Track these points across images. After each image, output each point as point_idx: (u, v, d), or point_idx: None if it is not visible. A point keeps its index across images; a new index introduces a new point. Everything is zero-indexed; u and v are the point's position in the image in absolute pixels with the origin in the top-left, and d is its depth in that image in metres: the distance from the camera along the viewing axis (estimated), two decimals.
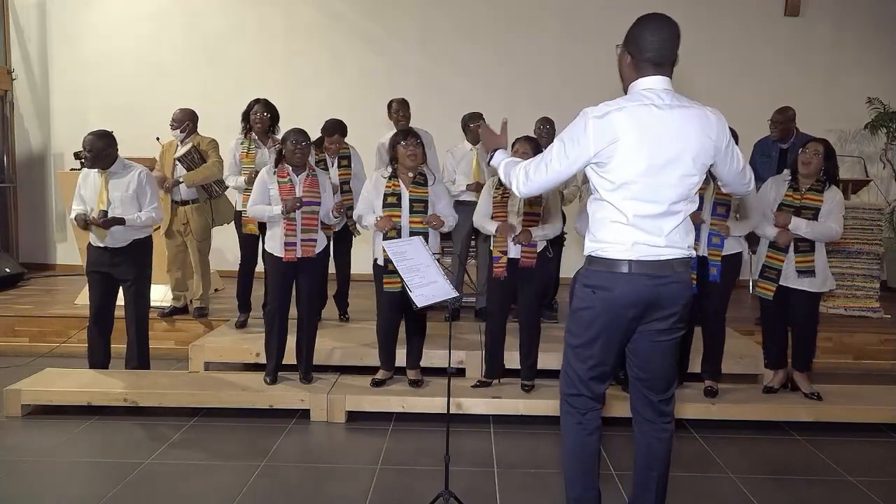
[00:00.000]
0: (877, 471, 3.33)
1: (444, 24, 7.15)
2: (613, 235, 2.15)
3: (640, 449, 2.37)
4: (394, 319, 3.93)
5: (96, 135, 3.94)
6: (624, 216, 2.12)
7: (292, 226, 3.80)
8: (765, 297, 3.78)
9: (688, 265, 2.22)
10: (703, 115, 2.13)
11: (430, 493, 2.80)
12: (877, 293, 5.50)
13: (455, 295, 2.81)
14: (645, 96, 2.10)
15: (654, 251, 2.13)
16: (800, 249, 3.66)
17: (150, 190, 4.06)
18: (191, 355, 4.43)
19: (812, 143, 3.70)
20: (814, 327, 3.86)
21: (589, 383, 2.28)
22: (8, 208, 7.41)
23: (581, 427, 2.32)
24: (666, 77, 2.13)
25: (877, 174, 6.90)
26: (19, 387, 3.89)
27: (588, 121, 2.09)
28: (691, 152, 2.09)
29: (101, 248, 4.03)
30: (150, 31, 7.21)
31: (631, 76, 2.16)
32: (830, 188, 3.67)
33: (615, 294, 2.15)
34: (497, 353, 3.97)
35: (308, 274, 3.90)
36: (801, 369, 3.91)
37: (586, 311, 2.22)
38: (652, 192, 2.09)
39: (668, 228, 2.13)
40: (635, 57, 2.13)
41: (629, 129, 2.06)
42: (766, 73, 6.96)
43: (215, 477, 3.15)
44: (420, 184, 3.76)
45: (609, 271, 2.16)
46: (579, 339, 2.26)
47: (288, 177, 3.82)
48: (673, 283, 2.16)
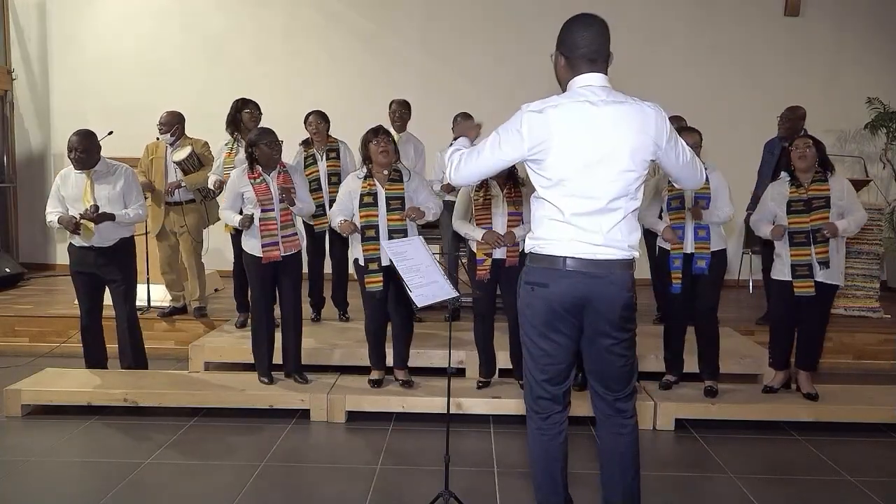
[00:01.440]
0: (877, 471, 3.33)
1: (444, 24, 7.15)
2: (551, 232, 2.15)
3: (603, 446, 2.34)
4: (379, 319, 3.92)
5: (83, 134, 3.91)
6: (561, 213, 2.12)
7: (272, 225, 3.78)
8: (807, 295, 3.69)
9: (629, 267, 2.18)
10: (640, 110, 2.11)
11: (430, 493, 2.80)
12: (877, 293, 5.50)
13: (455, 295, 2.81)
14: (580, 93, 2.10)
15: (590, 249, 2.11)
16: (818, 241, 3.65)
17: (136, 188, 4.07)
18: (191, 355, 4.43)
19: (801, 139, 3.75)
20: (823, 325, 3.84)
21: (543, 384, 2.26)
22: (8, 208, 7.41)
23: (542, 432, 2.29)
24: (601, 74, 2.13)
25: (877, 174, 6.90)
26: (19, 387, 3.89)
27: (524, 116, 2.10)
28: (628, 148, 2.08)
29: (87, 248, 3.98)
30: (150, 31, 7.21)
31: (567, 76, 2.16)
32: (833, 176, 3.70)
33: (552, 290, 2.15)
34: (489, 353, 3.98)
35: (289, 271, 3.88)
36: (806, 368, 3.89)
37: (528, 309, 2.22)
38: (588, 189, 2.09)
39: (607, 226, 2.11)
40: (568, 56, 2.14)
41: (563, 125, 2.06)
42: (765, 74, 6.95)
43: (215, 477, 3.15)
44: (395, 180, 3.73)
45: (547, 268, 2.16)
46: (527, 338, 2.26)
47: (261, 177, 3.80)
48: (610, 284, 2.13)
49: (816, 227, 3.62)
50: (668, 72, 6.71)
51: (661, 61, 6.71)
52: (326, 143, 4.82)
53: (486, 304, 3.87)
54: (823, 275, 3.67)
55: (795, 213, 3.69)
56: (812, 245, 3.66)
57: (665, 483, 3.15)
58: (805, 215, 3.67)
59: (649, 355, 4.21)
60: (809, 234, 3.66)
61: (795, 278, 3.72)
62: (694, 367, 4.03)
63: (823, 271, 3.66)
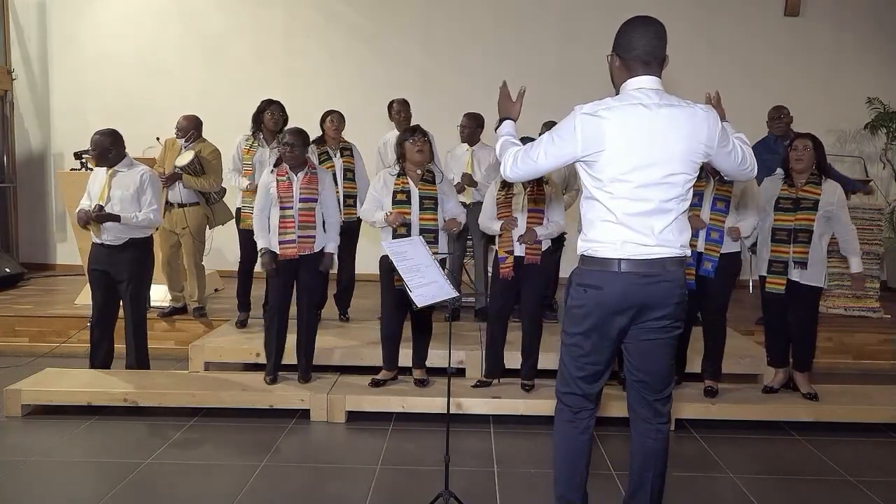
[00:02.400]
0: (877, 471, 3.33)
1: (444, 23, 7.15)
2: (603, 234, 2.16)
3: (637, 448, 2.38)
4: (399, 319, 3.92)
5: (101, 133, 3.99)
6: (613, 215, 2.14)
7: (289, 223, 3.81)
8: (776, 293, 3.74)
9: (681, 264, 2.22)
10: (693, 114, 2.13)
11: (430, 493, 2.80)
12: (877, 293, 5.50)
13: (455, 295, 2.82)
14: (634, 96, 2.12)
15: (643, 250, 2.14)
16: (798, 240, 3.66)
17: (152, 191, 4.05)
18: (191, 355, 4.43)
19: (799, 140, 3.73)
20: (813, 326, 3.85)
21: (579, 381, 2.29)
22: (8, 208, 7.41)
23: (572, 425, 2.33)
24: (655, 77, 2.15)
25: (877, 174, 6.91)
26: (19, 387, 3.89)
27: (577, 118, 2.12)
28: (680, 151, 2.10)
29: (100, 244, 4.04)
30: (150, 31, 7.21)
31: (621, 77, 2.19)
32: (827, 181, 3.70)
33: (605, 293, 2.17)
34: (497, 352, 3.97)
35: (308, 271, 3.90)
36: (800, 370, 3.91)
37: (578, 310, 2.24)
38: (640, 191, 2.10)
39: (659, 227, 2.13)
40: (624, 57, 2.16)
41: (617, 128, 2.08)
42: (766, 74, 6.96)
43: (215, 477, 3.15)
44: (428, 181, 3.77)
45: (600, 270, 2.18)
46: (571, 337, 2.28)
47: (287, 175, 3.84)
48: (664, 283, 2.16)
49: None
50: (668, 72, 6.68)
51: None
52: (340, 143, 4.86)
53: (503, 302, 3.87)
54: (802, 275, 3.68)
55: (782, 211, 3.71)
56: (791, 244, 3.67)
57: (665, 483, 3.13)
58: (791, 214, 3.68)
59: None
60: (791, 233, 3.67)
61: (770, 273, 3.76)
62: (694, 367, 4.03)
63: (801, 272, 3.67)
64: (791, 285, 3.71)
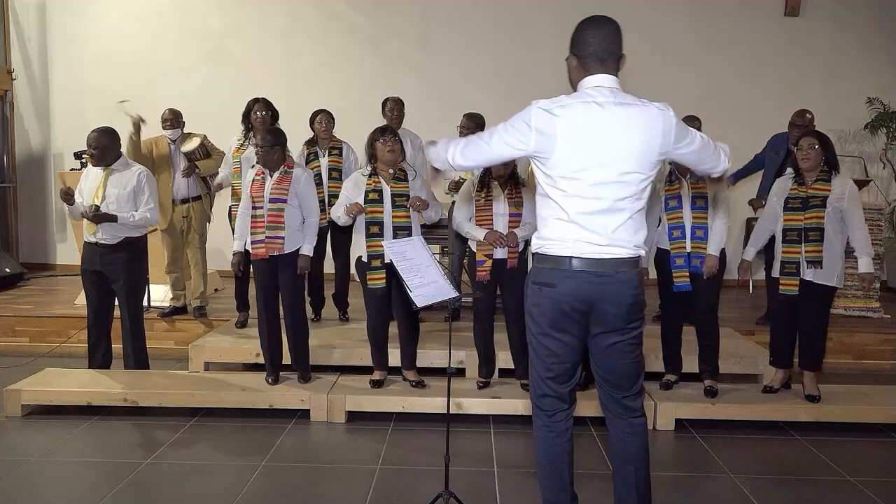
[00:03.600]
0: (877, 471, 3.33)
1: (444, 24, 7.15)
2: (556, 232, 2.16)
3: (614, 446, 2.35)
4: (381, 318, 3.92)
5: (100, 131, 3.96)
6: (566, 213, 2.13)
7: (259, 223, 3.81)
8: (789, 294, 3.72)
9: (634, 265, 2.19)
10: (647, 112, 2.11)
11: (430, 493, 2.80)
12: (877, 293, 5.49)
13: (455, 295, 2.82)
14: (588, 94, 2.11)
15: (595, 249, 2.12)
16: (809, 239, 3.65)
17: (149, 190, 4.05)
18: (191, 355, 4.43)
19: (805, 139, 3.72)
20: (822, 326, 3.82)
21: (549, 382, 2.27)
22: (8, 208, 7.42)
23: (548, 429, 2.31)
24: (612, 75, 2.14)
25: (877, 174, 6.90)
26: (19, 387, 3.89)
27: (533, 110, 2.10)
28: (634, 150, 2.09)
29: (93, 243, 4.01)
30: (150, 31, 7.21)
31: (578, 76, 2.18)
32: (837, 176, 3.69)
33: (559, 290, 2.16)
34: (490, 353, 3.98)
35: (285, 271, 3.87)
36: (809, 368, 3.86)
37: (536, 308, 2.23)
38: (593, 189, 2.09)
39: (612, 226, 2.12)
40: (579, 56, 2.16)
41: (569, 125, 2.06)
42: (765, 73, 6.96)
43: (215, 477, 3.15)
44: (400, 179, 3.77)
45: (553, 268, 2.17)
46: (535, 337, 2.27)
47: (262, 175, 3.86)
48: (616, 283, 2.14)
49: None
50: (669, 72, 6.69)
51: (661, 61, 6.70)
52: (331, 142, 4.86)
53: (486, 304, 3.87)
54: (815, 274, 3.65)
55: (791, 210, 3.70)
56: (803, 243, 3.66)
57: (665, 483, 3.14)
58: (800, 213, 3.67)
59: (650, 355, 4.19)
60: (801, 233, 3.66)
61: (782, 275, 3.74)
62: (694, 367, 4.03)
63: (815, 271, 3.65)
64: (804, 284, 3.68)
